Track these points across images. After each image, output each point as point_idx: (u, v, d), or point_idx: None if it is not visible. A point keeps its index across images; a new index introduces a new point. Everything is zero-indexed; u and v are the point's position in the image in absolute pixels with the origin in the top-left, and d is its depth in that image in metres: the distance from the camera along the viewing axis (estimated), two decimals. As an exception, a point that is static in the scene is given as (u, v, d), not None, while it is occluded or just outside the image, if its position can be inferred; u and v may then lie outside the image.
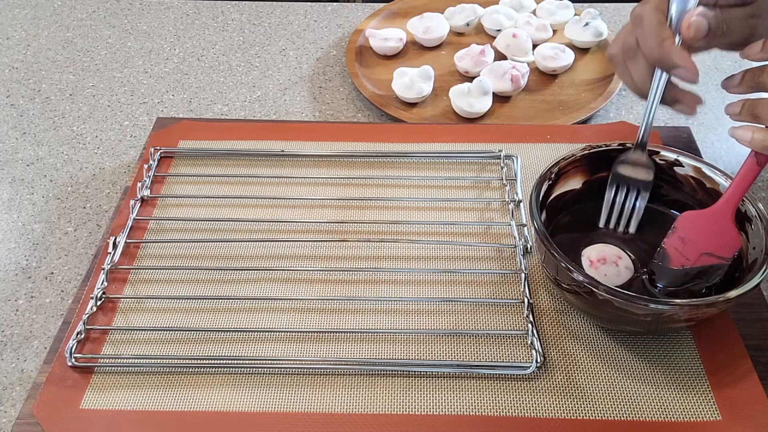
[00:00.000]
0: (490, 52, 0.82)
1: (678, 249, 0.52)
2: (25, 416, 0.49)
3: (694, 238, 0.51)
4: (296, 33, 0.92)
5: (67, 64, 0.87)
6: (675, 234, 0.52)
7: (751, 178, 0.49)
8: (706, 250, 0.51)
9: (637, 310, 0.46)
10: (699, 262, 0.51)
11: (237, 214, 0.63)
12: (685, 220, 0.52)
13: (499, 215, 0.63)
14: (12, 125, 0.78)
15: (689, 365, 0.51)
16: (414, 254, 0.60)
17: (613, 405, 0.49)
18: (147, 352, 0.53)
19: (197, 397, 0.50)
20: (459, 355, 0.52)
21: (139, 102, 0.81)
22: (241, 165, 0.68)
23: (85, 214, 0.67)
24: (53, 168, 0.72)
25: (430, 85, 0.78)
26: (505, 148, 0.68)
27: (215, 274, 0.58)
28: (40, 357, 0.55)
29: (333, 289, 0.57)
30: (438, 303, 0.56)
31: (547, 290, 0.57)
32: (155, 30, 0.93)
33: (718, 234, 0.51)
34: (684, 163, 0.56)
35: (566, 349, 0.53)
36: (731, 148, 0.73)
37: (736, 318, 0.54)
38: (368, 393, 0.50)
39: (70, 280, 0.61)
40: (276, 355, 0.52)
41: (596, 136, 0.69)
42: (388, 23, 0.90)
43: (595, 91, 0.79)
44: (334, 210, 0.64)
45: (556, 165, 0.56)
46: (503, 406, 0.49)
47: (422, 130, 0.71)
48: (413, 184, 0.66)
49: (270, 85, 0.83)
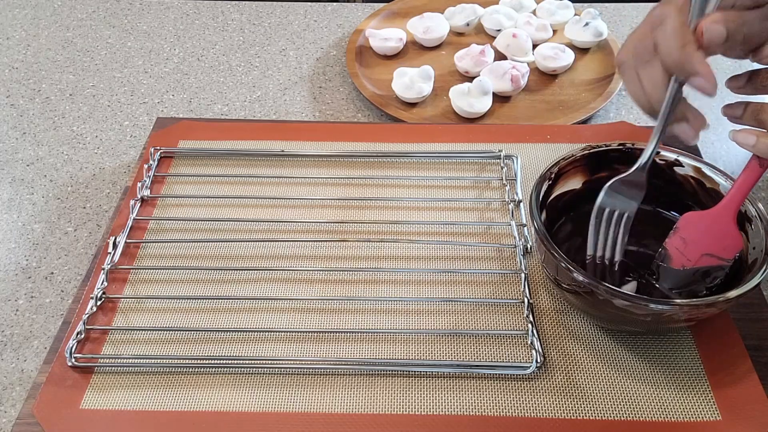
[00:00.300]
0: (490, 52, 0.82)
1: (679, 249, 0.52)
2: (25, 416, 0.49)
3: (695, 238, 0.51)
4: (296, 33, 0.92)
5: (67, 64, 0.87)
6: (677, 234, 0.52)
7: (753, 180, 0.49)
8: (708, 251, 0.51)
9: (637, 310, 0.46)
10: (700, 263, 0.51)
11: (237, 214, 0.63)
12: (687, 221, 0.52)
13: (499, 215, 0.63)
14: (12, 125, 0.78)
15: (689, 365, 0.51)
16: (414, 254, 0.60)
17: (613, 405, 0.49)
18: (147, 352, 0.53)
19: (197, 397, 0.50)
20: (459, 355, 0.52)
21: (139, 102, 0.81)
22: (241, 165, 0.68)
23: (85, 214, 0.67)
24: (53, 168, 0.72)
25: (430, 85, 0.78)
26: (505, 148, 0.68)
27: (215, 274, 0.58)
28: (40, 357, 0.55)
29: (333, 289, 0.57)
30: (438, 303, 0.56)
31: (547, 290, 0.57)
32: (155, 30, 0.93)
33: (720, 235, 0.50)
34: (684, 163, 0.56)
35: (566, 349, 0.53)
36: (731, 148, 0.73)
37: (736, 318, 0.54)
38: (368, 393, 0.50)
39: (70, 280, 0.61)
40: (276, 355, 0.52)
41: (596, 136, 0.69)
42: (388, 23, 0.90)
43: (595, 91, 0.79)
44: (334, 210, 0.64)
45: (556, 165, 0.56)
46: (503, 406, 0.49)
47: (422, 130, 0.71)
48: (413, 184, 0.66)
49: (270, 85, 0.83)
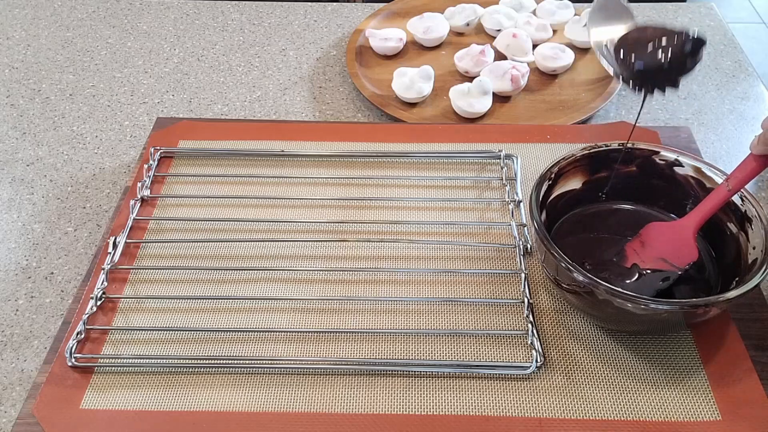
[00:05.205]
0: (490, 52, 0.82)
1: (636, 250, 0.54)
2: (25, 416, 0.49)
3: (653, 243, 0.54)
4: (296, 33, 0.92)
5: (67, 64, 0.87)
6: (638, 238, 0.55)
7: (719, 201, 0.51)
8: (662, 256, 0.53)
9: (637, 310, 0.46)
10: (652, 266, 0.53)
11: (237, 214, 0.63)
12: (650, 228, 0.55)
13: (499, 215, 0.63)
14: (12, 125, 0.78)
15: (689, 365, 0.51)
16: (414, 254, 0.60)
17: (613, 405, 0.49)
18: (147, 352, 0.53)
19: (197, 397, 0.50)
20: (459, 355, 0.52)
21: (139, 102, 0.81)
22: (241, 165, 0.68)
23: (85, 214, 0.67)
24: (53, 168, 0.72)
25: (430, 85, 0.78)
26: (505, 148, 0.68)
27: (215, 274, 0.58)
28: (40, 357, 0.55)
29: (333, 289, 0.57)
30: (438, 303, 0.56)
31: (547, 290, 0.57)
32: (155, 30, 0.93)
33: (678, 244, 0.53)
34: (684, 163, 0.56)
35: (566, 349, 0.53)
36: (731, 148, 0.73)
37: (736, 318, 0.54)
38: (368, 393, 0.50)
39: (70, 280, 0.61)
40: (276, 355, 0.52)
41: (596, 136, 0.69)
42: (388, 23, 0.90)
43: (595, 91, 0.79)
44: (334, 210, 0.64)
45: (556, 165, 0.56)
46: (503, 406, 0.49)
47: (422, 130, 0.71)
48: (413, 184, 0.66)
49: (270, 85, 0.83)
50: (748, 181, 0.50)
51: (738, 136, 0.74)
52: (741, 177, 0.50)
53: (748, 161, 0.50)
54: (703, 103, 0.79)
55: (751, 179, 0.50)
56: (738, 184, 0.50)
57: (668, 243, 0.53)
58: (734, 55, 0.86)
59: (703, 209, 0.52)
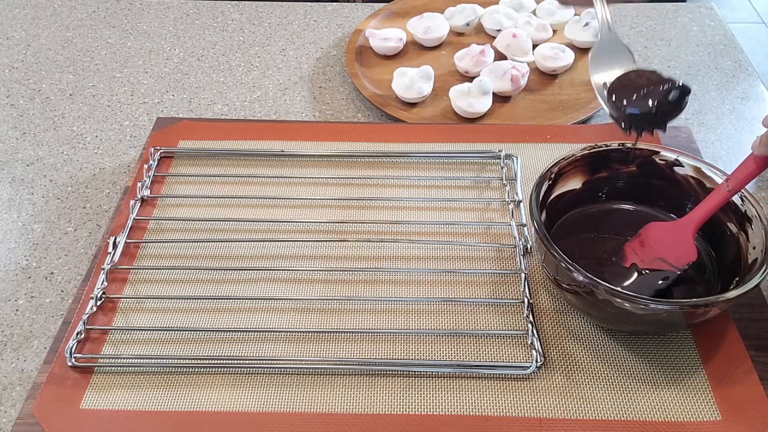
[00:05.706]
0: (490, 52, 0.82)
1: (635, 250, 0.54)
2: (25, 416, 0.49)
3: (652, 243, 0.54)
4: (296, 33, 0.92)
5: (67, 64, 0.87)
6: (637, 238, 0.55)
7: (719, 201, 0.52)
8: (660, 256, 0.53)
9: (636, 310, 0.46)
10: (651, 266, 0.53)
11: (237, 214, 0.63)
12: (649, 228, 0.55)
13: (499, 215, 0.63)
14: (12, 125, 0.78)
15: (689, 365, 0.51)
16: (414, 254, 0.60)
17: (613, 405, 0.49)
18: (147, 352, 0.53)
19: (197, 397, 0.50)
20: (459, 355, 0.52)
21: (139, 102, 0.81)
22: (241, 165, 0.68)
23: (85, 214, 0.67)
24: (53, 168, 0.72)
25: (430, 85, 0.78)
26: (505, 148, 0.68)
27: (215, 274, 0.58)
28: (40, 357, 0.55)
29: (333, 289, 0.57)
30: (438, 303, 0.56)
31: (547, 290, 0.57)
32: (155, 30, 0.93)
33: (677, 244, 0.53)
34: (684, 163, 0.56)
35: (566, 349, 0.53)
36: (731, 148, 0.73)
37: (736, 318, 0.54)
38: (368, 393, 0.50)
39: (70, 280, 0.61)
40: (276, 355, 0.52)
41: (596, 136, 0.69)
42: (388, 23, 0.90)
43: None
44: (334, 210, 0.64)
45: (556, 165, 0.56)
46: (503, 406, 0.49)
47: (422, 130, 0.71)
48: (413, 184, 0.66)
49: (270, 85, 0.83)
50: (748, 182, 0.50)
51: (738, 136, 0.74)
52: (741, 177, 0.50)
53: (749, 162, 0.50)
54: (703, 103, 0.79)
55: (751, 180, 0.50)
56: (738, 185, 0.50)
57: (668, 243, 0.53)
58: (734, 55, 0.86)
59: (703, 209, 0.52)
